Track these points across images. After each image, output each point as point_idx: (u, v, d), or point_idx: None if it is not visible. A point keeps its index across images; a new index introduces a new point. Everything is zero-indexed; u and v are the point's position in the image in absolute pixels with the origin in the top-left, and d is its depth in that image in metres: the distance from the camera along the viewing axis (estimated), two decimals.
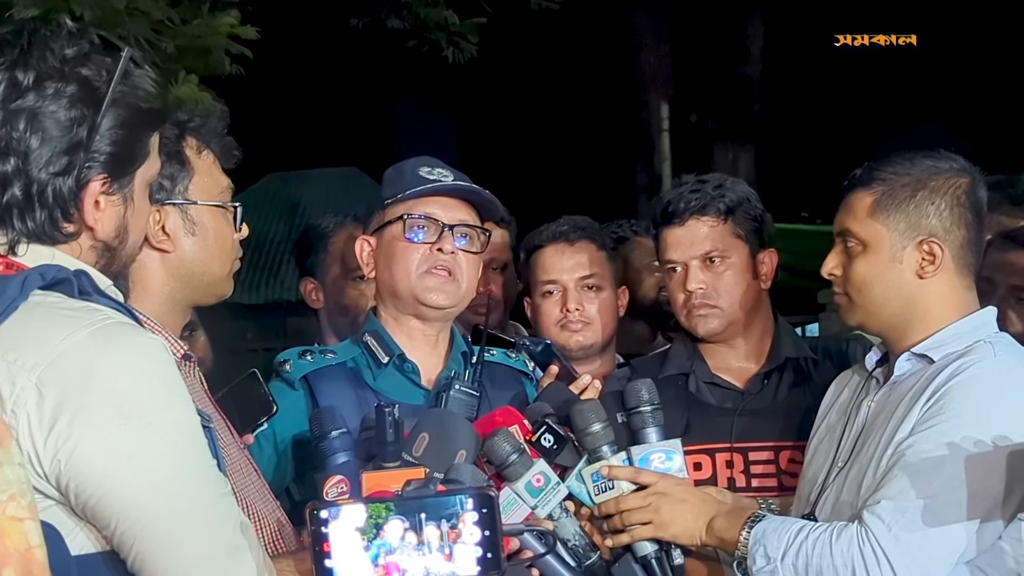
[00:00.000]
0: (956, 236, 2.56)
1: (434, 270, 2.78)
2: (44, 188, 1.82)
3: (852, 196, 2.62)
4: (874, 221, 2.58)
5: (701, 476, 2.96)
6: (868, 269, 2.59)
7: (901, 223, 2.56)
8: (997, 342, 2.54)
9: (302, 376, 2.78)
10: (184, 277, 2.34)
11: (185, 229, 2.33)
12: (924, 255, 2.56)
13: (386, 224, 2.84)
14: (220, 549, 1.77)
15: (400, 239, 2.80)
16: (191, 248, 2.34)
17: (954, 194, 2.56)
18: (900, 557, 2.38)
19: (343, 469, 2.49)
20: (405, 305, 2.82)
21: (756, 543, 2.53)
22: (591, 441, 2.70)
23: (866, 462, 2.55)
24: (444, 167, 2.86)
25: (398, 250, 2.81)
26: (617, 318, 3.51)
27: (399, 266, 2.80)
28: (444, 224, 2.79)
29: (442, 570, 1.65)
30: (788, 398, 3.05)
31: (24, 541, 1.40)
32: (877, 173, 2.59)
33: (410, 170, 2.84)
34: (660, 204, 3.15)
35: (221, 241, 2.36)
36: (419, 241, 2.79)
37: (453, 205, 2.83)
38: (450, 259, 2.78)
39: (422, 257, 2.78)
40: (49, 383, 1.68)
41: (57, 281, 1.79)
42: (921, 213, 2.55)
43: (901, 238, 2.56)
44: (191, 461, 1.77)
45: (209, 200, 2.35)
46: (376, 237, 2.86)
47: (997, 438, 2.34)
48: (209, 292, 2.39)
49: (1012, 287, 3.08)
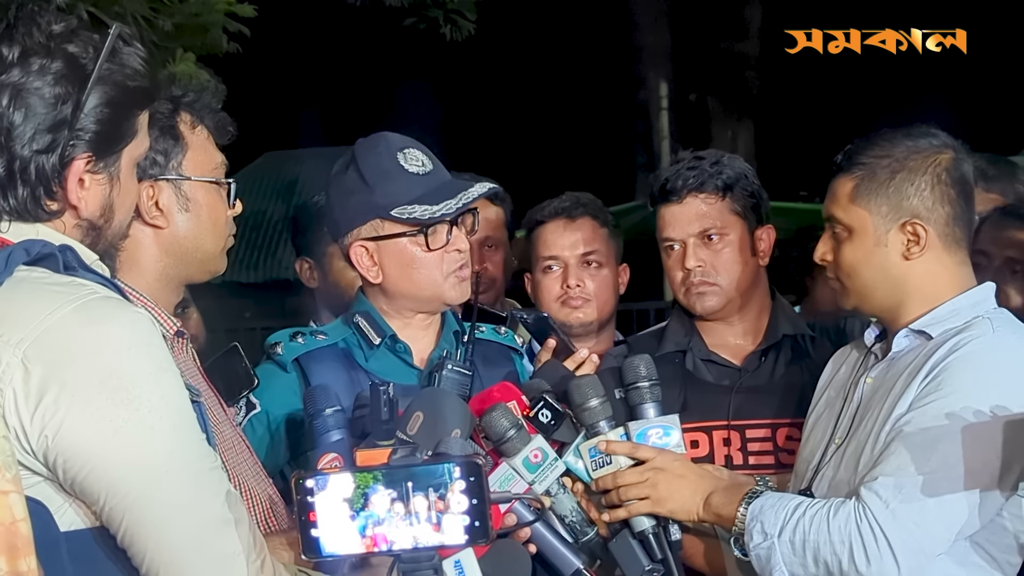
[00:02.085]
0: (940, 214, 2.55)
1: (458, 272, 2.77)
2: (27, 165, 1.81)
3: (835, 182, 2.62)
4: (856, 206, 2.57)
5: (698, 454, 2.96)
6: (855, 254, 2.58)
7: (883, 206, 2.55)
8: (996, 318, 2.53)
9: (294, 359, 2.77)
10: (177, 253, 2.33)
11: (179, 205, 2.32)
12: (908, 237, 2.55)
13: (396, 235, 2.74)
14: (210, 522, 1.77)
15: (420, 247, 2.73)
16: (184, 224, 2.33)
17: (934, 172, 2.55)
18: (897, 533, 2.38)
19: (337, 447, 2.49)
20: (422, 304, 2.80)
21: (753, 519, 2.53)
22: (589, 416, 2.70)
23: (864, 438, 2.54)
24: (414, 146, 2.78)
25: (418, 259, 2.75)
26: (618, 295, 3.51)
27: (422, 275, 2.75)
28: (451, 222, 2.76)
29: (430, 540, 1.65)
30: (785, 375, 3.04)
31: (9, 514, 1.40)
32: (857, 157, 2.59)
33: (394, 167, 2.73)
34: (657, 181, 3.14)
35: (215, 217, 2.36)
36: (440, 247, 2.75)
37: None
38: (466, 256, 2.79)
39: (448, 262, 2.76)
40: (35, 359, 1.68)
41: (42, 256, 1.78)
42: (902, 195, 2.54)
43: (884, 221, 2.55)
44: (179, 435, 1.77)
45: (203, 176, 2.34)
46: (377, 245, 2.77)
47: (995, 411, 2.35)
48: (202, 268, 2.39)
49: (1007, 259, 3.08)
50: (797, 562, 2.48)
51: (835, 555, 2.42)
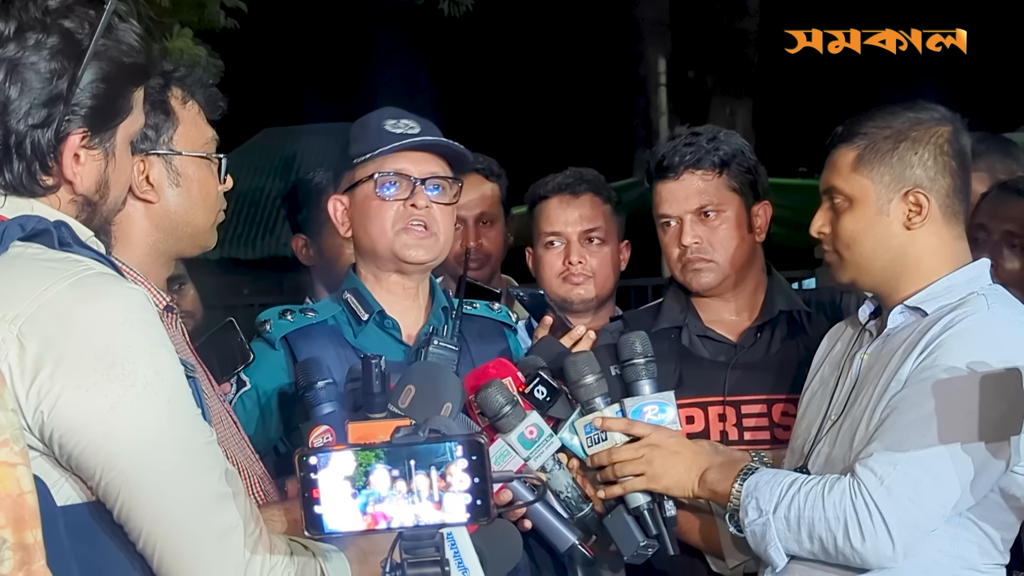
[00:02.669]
0: (941, 185, 2.55)
1: (410, 226, 2.76)
2: (22, 140, 1.81)
3: (835, 153, 2.61)
4: (858, 176, 2.57)
5: (693, 429, 2.96)
6: (855, 224, 2.58)
7: (885, 176, 2.55)
8: (991, 294, 2.53)
9: (282, 336, 2.77)
10: (168, 228, 2.33)
11: (169, 180, 2.32)
12: (910, 206, 2.55)
13: (357, 183, 2.81)
14: (206, 497, 1.77)
15: (373, 197, 2.78)
16: (175, 199, 2.32)
17: (936, 143, 2.55)
18: (892, 509, 2.39)
19: (329, 419, 2.50)
20: (384, 262, 2.80)
21: (748, 496, 2.54)
22: (584, 393, 2.71)
23: (859, 415, 2.55)
24: (410, 118, 2.83)
25: (372, 208, 2.78)
26: (619, 272, 3.51)
27: (374, 225, 2.78)
28: (415, 179, 2.77)
29: (431, 518, 1.65)
30: (781, 351, 3.04)
31: (16, 487, 1.40)
32: (858, 128, 2.58)
33: (375, 125, 2.81)
34: (654, 158, 3.14)
35: (205, 192, 2.35)
36: (392, 198, 2.76)
37: (423, 158, 2.80)
38: (424, 213, 2.76)
39: (397, 214, 2.76)
40: (30, 335, 1.68)
41: (37, 232, 1.78)
42: (904, 164, 2.54)
43: (886, 191, 2.55)
44: (174, 410, 1.77)
45: (194, 151, 2.34)
46: (348, 196, 2.83)
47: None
48: (193, 243, 2.38)
49: (1006, 233, 3.08)
50: (792, 538, 2.48)
51: (830, 531, 2.43)
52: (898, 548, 2.39)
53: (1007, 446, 2.38)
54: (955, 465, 2.38)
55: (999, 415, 2.34)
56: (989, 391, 2.33)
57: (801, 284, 9.39)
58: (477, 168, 3.73)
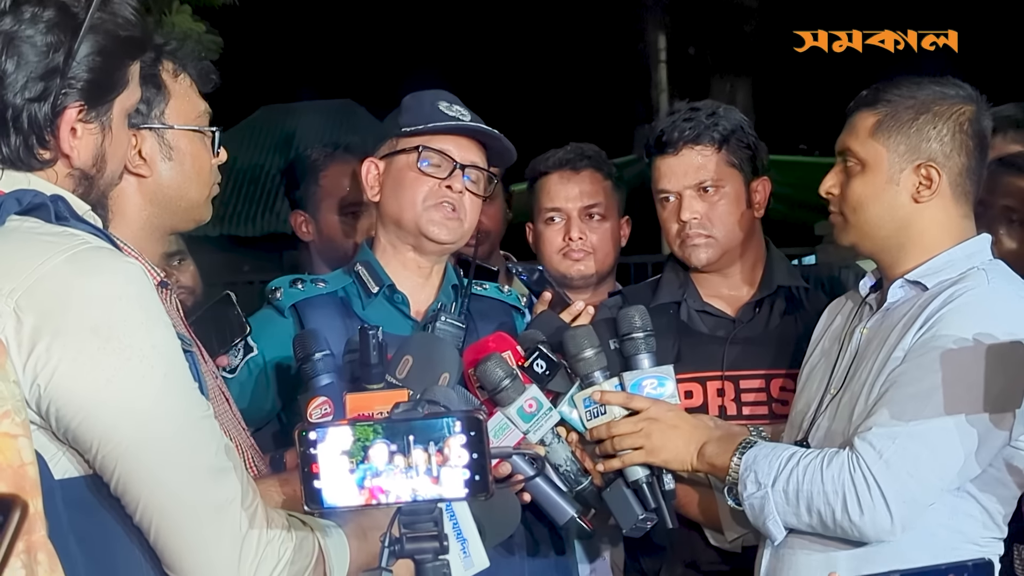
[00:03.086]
0: (955, 163, 2.55)
1: (441, 204, 2.78)
2: (19, 113, 1.81)
3: (856, 116, 2.61)
4: (875, 141, 2.56)
5: (692, 404, 2.96)
6: (865, 189, 2.58)
7: (901, 145, 2.55)
8: (991, 269, 2.53)
9: (291, 304, 2.78)
10: (161, 202, 2.32)
11: (162, 154, 2.31)
12: (921, 179, 2.54)
13: (398, 151, 2.82)
14: (203, 471, 1.77)
15: (412, 169, 2.79)
16: (168, 173, 2.31)
17: (957, 120, 2.55)
18: (891, 483, 2.39)
19: (327, 391, 2.50)
20: (406, 235, 2.81)
21: (747, 469, 2.55)
22: (583, 367, 2.71)
23: (858, 389, 2.55)
24: (462, 106, 2.86)
25: (408, 180, 2.80)
26: (619, 248, 3.51)
27: (407, 195, 2.79)
28: (457, 163, 2.79)
29: (429, 493, 1.66)
30: (780, 326, 3.04)
31: (17, 458, 1.41)
32: (883, 95, 2.58)
33: (430, 102, 2.83)
34: (653, 133, 3.13)
35: (198, 166, 2.34)
36: (431, 175, 2.78)
37: (467, 145, 2.82)
38: (457, 197, 2.78)
39: (431, 191, 2.78)
40: (27, 308, 1.68)
41: (34, 206, 1.78)
42: (922, 137, 2.54)
43: (900, 160, 2.55)
44: (171, 384, 1.77)
45: (186, 124, 2.33)
46: (385, 162, 2.85)
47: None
48: (187, 217, 2.37)
49: (1004, 208, 3.08)
50: (790, 511, 2.49)
51: (828, 505, 2.44)
52: (896, 522, 2.40)
53: (1008, 419, 2.38)
54: (954, 439, 2.38)
55: (999, 389, 2.35)
56: (989, 365, 2.34)
57: (801, 261, 9.38)
58: None
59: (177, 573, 1.77)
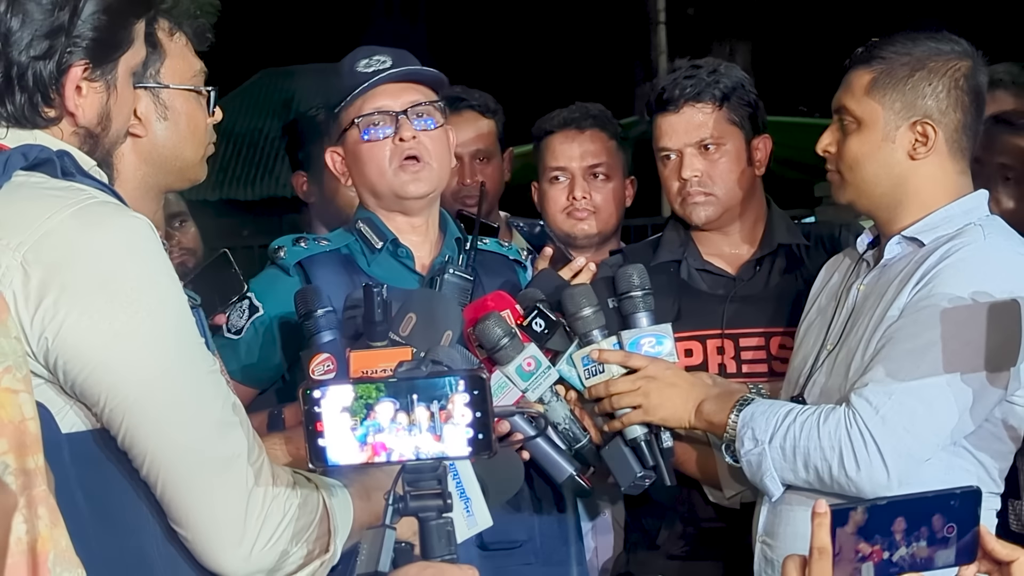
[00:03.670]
0: (951, 119, 2.54)
1: (404, 163, 2.75)
2: (24, 71, 1.81)
3: (852, 74, 2.60)
4: (870, 99, 2.56)
5: (692, 362, 2.97)
6: (861, 147, 2.58)
7: (897, 102, 2.54)
8: (987, 225, 2.53)
9: (297, 262, 2.77)
10: (156, 162, 2.31)
11: (157, 113, 2.30)
12: (917, 136, 2.54)
13: (344, 131, 2.81)
14: (209, 425, 1.78)
15: (359, 142, 2.77)
16: (163, 132, 2.30)
17: (953, 76, 2.54)
18: (887, 439, 2.41)
19: (329, 347, 2.51)
20: (388, 202, 2.80)
21: (744, 426, 2.56)
22: (582, 325, 2.72)
23: (855, 345, 2.56)
24: (383, 52, 2.81)
25: (363, 154, 2.78)
26: (623, 208, 3.51)
27: (370, 168, 2.77)
28: (396, 112, 2.76)
29: (432, 450, 1.67)
30: (780, 284, 3.04)
31: (19, 413, 1.41)
32: (878, 52, 2.57)
33: (348, 69, 2.79)
34: (654, 91, 3.12)
35: (194, 125, 2.33)
36: (379, 138, 2.76)
37: (400, 90, 2.78)
38: (413, 144, 2.75)
39: (389, 154, 2.75)
40: (34, 262, 1.68)
41: (40, 161, 1.78)
42: (917, 94, 2.54)
43: (896, 117, 2.55)
44: (178, 339, 1.78)
45: (182, 84, 2.32)
46: (342, 146, 2.84)
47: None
48: (182, 177, 2.36)
49: (1000, 166, 3.08)
50: (788, 468, 2.51)
51: (825, 460, 2.45)
52: (892, 477, 2.41)
53: (1003, 375, 2.39)
54: (950, 395, 2.40)
55: (996, 346, 2.36)
56: (987, 322, 2.35)
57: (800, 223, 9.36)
58: (473, 105, 3.72)
59: (183, 527, 1.78)
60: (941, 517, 1.65)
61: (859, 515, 1.62)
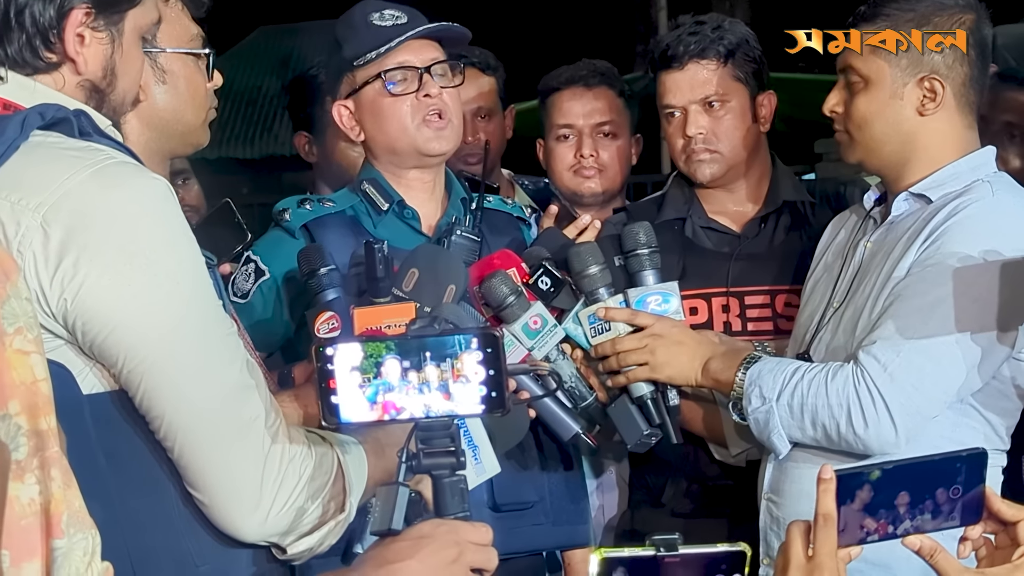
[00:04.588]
0: (958, 73, 2.53)
1: (428, 118, 2.74)
2: (22, 10, 1.80)
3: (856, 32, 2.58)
4: (876, 57, 2.54)
5: (697, 320, 2.96)
6: (869, 105, 2.56)
7: (903, 59, 2.53)
8: (995, 181, 2.52)
9: (302, 225, 2.76)
10: (158, 127, 2.29)
11: (155, 78, 2.27)
12: (925, 92, 2.53)
13: (362, 85, 2.78)
14: (227, 387, 1.77)
15: (383, 95, 2.75)
16: (162, 97, 2.28)
17: (957, 31, 2.53)
18: (895, 396, 2.41)
19: (333, 305, 2.51)
20: (404, 159, 2.78)
21: (751, 384, 2.55)
22: (588, 283, 2.71)
23: (862, 302, 2.55)
24: (393, 7, 2.79)
25: (385, 107, 2.75)
26: (630, 166, 3.50)
27: (392, 123, 2.75)
28: (421, 69, 2.74)
29: (442, 408, 1.67)
30: (785, 242, 3.03)
31: (30, 374, 1.40)
32: (881, 9, 2.55)
33: (362, 22, 2.76)
34: (658, 47, 3.10)
35: (193, 89, 2.31)
36: (404, 93, 2.74)
37: (421, 46, 2.77)
38: (438, 101, 2.74)
39: (412, 108, 2.74)
40: (54, 222, 1.68)
41: (56, 121, 1.77)
42: (923, 49, 2.52)
43: (903, 74, 2.53)
44: (196, 300, 1.77)
45: (179, 47, 2.30)
46: (353, 100, 2.80)
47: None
48: (184, 141, 2.35)
49: (1006, 124, 3.07)
50: (795, 425, 2.51)
51: (833, 418, 2.45)
52: (900, 434, 2.41)
53: (1011, 334, 2.39)
54: (958, 352, 2.39)
55: (1004, 303, 2.35)
56: (995, 279, 2.34)
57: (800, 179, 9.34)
58: (473, 62, 3.69)
59: (199, 491, 1.77)
60: (945, 490, 1.64)
61: (865, 493, 1.61)
